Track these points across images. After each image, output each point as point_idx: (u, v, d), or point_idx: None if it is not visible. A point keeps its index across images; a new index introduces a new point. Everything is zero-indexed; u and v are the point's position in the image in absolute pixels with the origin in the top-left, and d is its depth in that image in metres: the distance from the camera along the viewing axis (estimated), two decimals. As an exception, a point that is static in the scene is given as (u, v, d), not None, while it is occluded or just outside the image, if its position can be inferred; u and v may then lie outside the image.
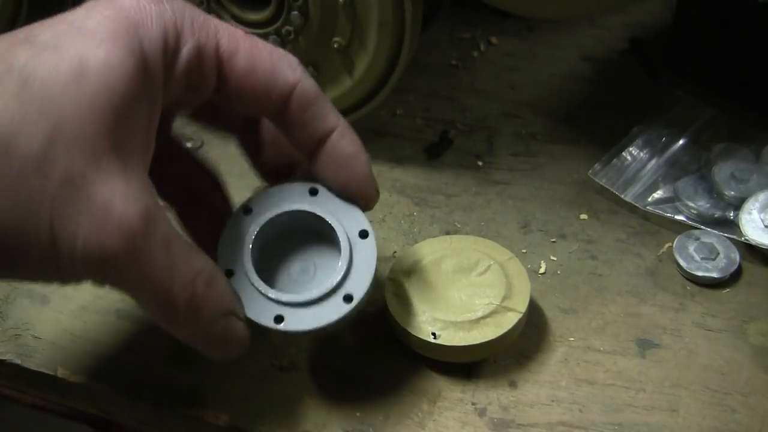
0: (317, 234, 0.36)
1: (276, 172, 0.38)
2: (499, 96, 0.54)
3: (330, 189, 0.35)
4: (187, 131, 0.46)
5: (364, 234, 0.35)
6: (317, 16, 0.44)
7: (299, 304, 0.34)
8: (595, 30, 0.58)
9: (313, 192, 0.35)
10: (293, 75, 0.34)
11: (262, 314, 0.33)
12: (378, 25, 0.43)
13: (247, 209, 0.35)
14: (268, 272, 0.35)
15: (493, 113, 0.52)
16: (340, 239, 0.35)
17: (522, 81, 0.55)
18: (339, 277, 0.34)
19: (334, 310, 0.34)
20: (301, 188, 0.36)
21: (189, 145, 0.49)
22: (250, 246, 0.34)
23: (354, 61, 0.45)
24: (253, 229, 0.35)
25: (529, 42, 0.58)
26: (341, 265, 0.34)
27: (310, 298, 0.34)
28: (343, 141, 0.35)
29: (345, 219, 0.35)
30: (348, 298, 0.34)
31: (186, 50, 0.32)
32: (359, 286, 0.34)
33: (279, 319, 0.33)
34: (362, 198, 0.36)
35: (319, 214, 0.35)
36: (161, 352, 0.40)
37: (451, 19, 0.59)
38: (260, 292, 0.34)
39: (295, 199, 0.35)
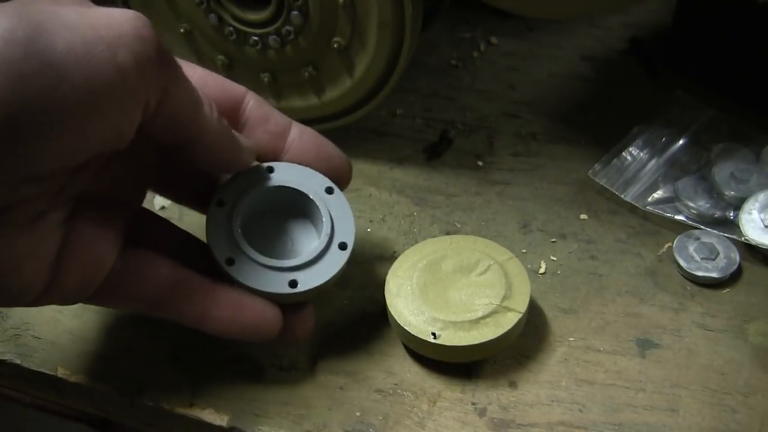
0: (285, 210, 0.39)
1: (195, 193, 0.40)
2: (499, 96, 0.54)
3: (284, 164, 0.38)
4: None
5: (329, 190, 0.38)
6: (317, 16, 0.44)
7: (305, 265, 0.36)
8: (595, 30, 0.58)
9: (270, 170, 0.38)
10: (240, 86, 0.38)
11: (278, 284, 0.36)
12: (378, 25, 0.43)
13: (220, 202, 0.37)
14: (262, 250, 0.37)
15: (493, 113, 0.52)
16: (312, 197, 0.38)
17: (522, 81, 0.55)
18: (329, 228, 0.37)
19: (336, 260, 0.37)
20: (259, 170, 0.38)
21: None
22: (240, 231, 0.36)
23: (354, 61, 0.45)
24: (236, 217, 0.37)
25: (529, 42, 0.58)
26: (324, 217, 0.37)
27: (314, 254, 0.37)
28: (306, 129, 0.39)
29: (307, 183, 0.38)
30: (343, 246, 0.37)
31: None
32: (347, 233, 0.38)
33: (294, 283, 0.36)
34: (339, 172, 0.39)
35: (284, 185, 0.38)
36: (161, 351, 0.40)
37: (451, 19, 0.59)
38: (267, 266, 0.36)
39: (258, 181, 0.38)
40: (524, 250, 0.44)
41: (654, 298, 0.41)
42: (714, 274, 0.41)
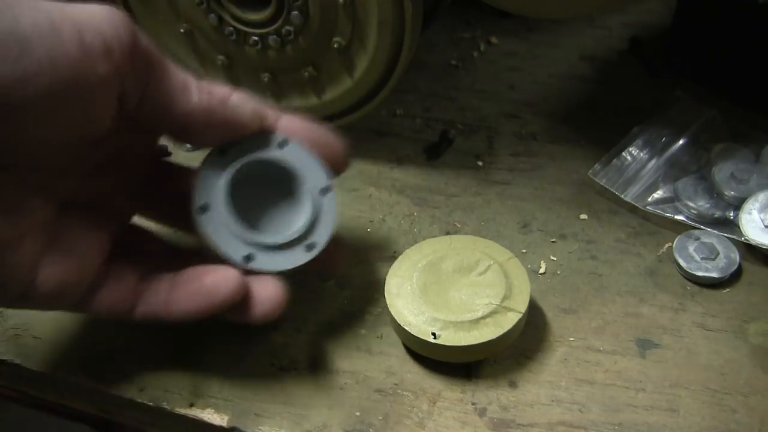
0: (281, 183, 0.38)
1: None
2: (499, 96, 0.54)
3: (297, 142, 0.38)
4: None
5: (325, 190, 0.38)
6: (317, 16, 0.44)
7: (268, 247, 0.36)
8: (595, 30, 0.58)
9: (283, 144, 0.37)
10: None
11: (234, 251, 0.36)
12: (378, 25, 0.43)
13: (222, 151, 0.37)
14: (241, 216, 0.37)
15: (493, 113, 0.52)
16: (304, 193, 0.38)
17: (522, 81, 0.55)
18: (304, 229, 0.37)
19: (297, 257, 0.37)
20: (272, 138, 0.37)
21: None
22: (226, 183, 0.36)
23: (354, 61, 0.45)
24: (229, 169, 0.36)
25: (529, 42, 0.58)
26: (306, 217, 0.37)
27: (278, 242, 0.36)
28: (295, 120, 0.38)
29: (309, 174, 0.38)
30: (310, 247, 0.37)
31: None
32: (321, 236, 0.37)
33: (249, 258, 0.36)
34: (336, 162, 0.39)
35: (288, 167, 0.37)
36: (161, 351, 0.40)
37: (451, 19, 0.59)
38: (234, 230, 0.36)
39: (267, 148, 0.37)
40: (524, 250, 0.44)
41: (654, 298, 0.41)
42: (714, 274, 0.41)
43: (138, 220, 0.39)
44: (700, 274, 0.41)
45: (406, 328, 0.38)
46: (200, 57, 0.48)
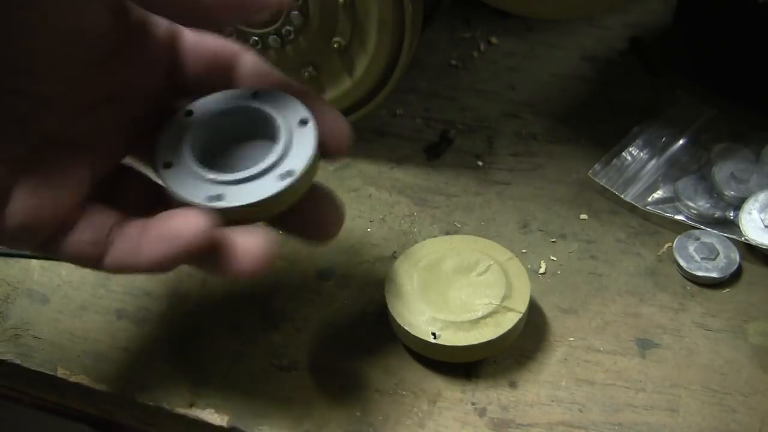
0: (261, 136, 0.35)
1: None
2: (499, 96, 0.54)
3: (272, 90, 0.35)
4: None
5: (304, 122, 0.34)
6: (317, 16, 0.44)
7: (238, 182, 0.33)
8: (595, 30, 0.58)
9: (255, 94, 0.35)
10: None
11: (199, 195, 0.33)
12: (378, 25, 0.43)
13: (188, 112, 0.35)
14: (212, 168, 0.35)
15: (493, 113, 0.52)
16: (279, 124, 0.34)
17: (522, 81, 0.55)
18: (277, 156, 0.33)
19: (269, 186, 0.33)
20: (243, 91, 0.35)
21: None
22: (190, 138, 0.34)
23: (354, 61, 0.45)
24: (194, 125, 0.34)
25: (529, 42, 0.58)
26: (279, 144, 0.34)
27: (248, 174, 0.33)
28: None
29: (285, 110, 0.35)
30: (284, 176, 0.33)
31: None
32: (298, 163, 0.33)
33: (215, 198, 0.32)
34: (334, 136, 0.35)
35: (256, 106, 0.35)
36: (161, 352, 0.40)
37: (451, 19, 0.59)
38: (199, 175, 0.33)
39: (236, 100, 0.35)
40: (524, 250, 0.44)
41: (654, 298, 0.41)
42: (714, 274, 0.41)
43: (131, 161, 0.37)
44: (700, 274, 0.41)
45: (406, 328, 0.38)
46: (200, 57, 0.48)
